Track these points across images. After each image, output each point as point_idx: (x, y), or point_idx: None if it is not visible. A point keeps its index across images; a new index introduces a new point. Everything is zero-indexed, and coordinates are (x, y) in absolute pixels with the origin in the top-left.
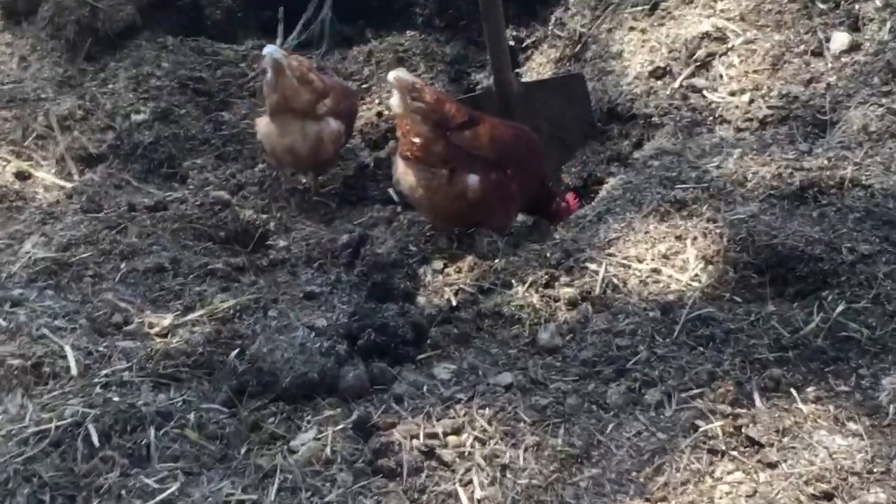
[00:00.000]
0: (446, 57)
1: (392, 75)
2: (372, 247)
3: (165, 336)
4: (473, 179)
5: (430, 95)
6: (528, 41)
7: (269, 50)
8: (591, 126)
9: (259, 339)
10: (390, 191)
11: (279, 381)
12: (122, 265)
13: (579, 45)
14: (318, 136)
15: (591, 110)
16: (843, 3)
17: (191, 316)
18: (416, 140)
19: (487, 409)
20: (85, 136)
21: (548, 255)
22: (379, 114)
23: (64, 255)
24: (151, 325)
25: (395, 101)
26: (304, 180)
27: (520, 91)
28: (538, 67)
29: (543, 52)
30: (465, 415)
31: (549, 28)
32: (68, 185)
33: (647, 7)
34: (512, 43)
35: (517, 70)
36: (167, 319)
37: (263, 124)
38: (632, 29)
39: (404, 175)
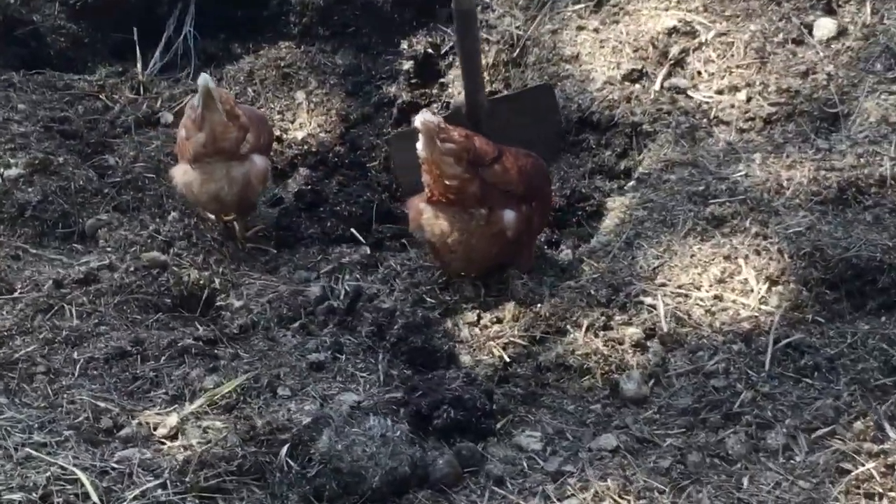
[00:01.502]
0: (338, 69)
1: (419, 120)
2: (371, 300)
3: (175, 437)
4: (510, 216)
5: (459, 134)
6: (447, 47)
7: (205, 79)
8: (561, 138)
9: (326, 434)
10: (353, 231)
11: (366, 480)
12: (76, 354)
13: (518, 49)
14: (245, 178)
15: (560, 122)
16: None
17: (190, 408)
18: (451, 183)
19: (609, 479)
20: None
21: (592, 292)
22: (279, 139)
23: (1, 351)
24: (153, 426)
25: (421, 145)
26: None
27: (487, 109)
28: None
29: None
30: (587, 489)
31: None
32: None
33: (591, 4)
34: (430, 51)
35: (441, 80)
36: (171, 417)
37: (181, 172)
38: (581, 28)
39: (433, 221)
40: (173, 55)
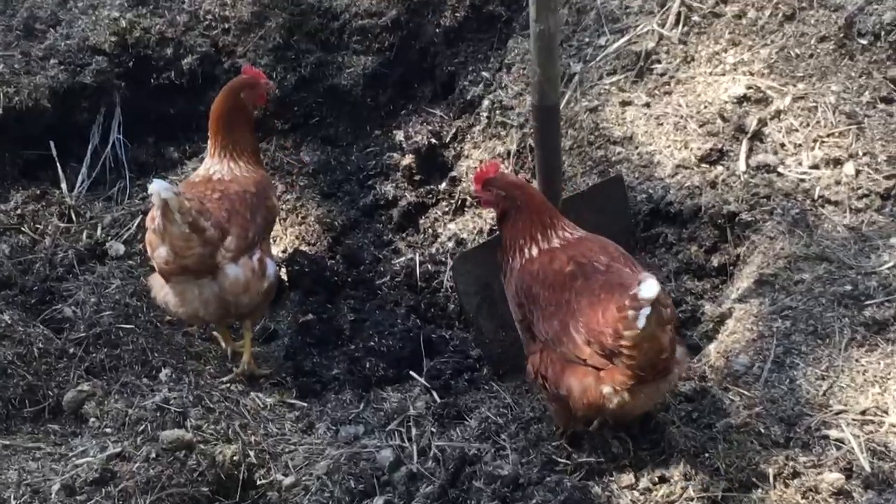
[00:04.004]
0: (305, 167)
1: (649, 293)
2: (473, 463)
3: None
4: (682, 354)
5: (665, 295)
6: (447, 133)
7: (158, 187)
8: (631, 234)
9: None
10: (413, 373)
11: None
12: None
13: None
14: (218, 298)
15: (630, 216)
16: (883, 34)
17: None
18: (665, 354)
19: None
20: None
21: (763, 430)
22: None
23: None
24: None
25: (645, 322)
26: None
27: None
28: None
29: (481, 146)
30: None
31: (481, 114)
32: None
33: (630, 73)
34: (433, 140)
35: (452, 174)
36: None
37: (158, 286)
38: (626, 104)
39: (628, 397)
40: (100, 169)
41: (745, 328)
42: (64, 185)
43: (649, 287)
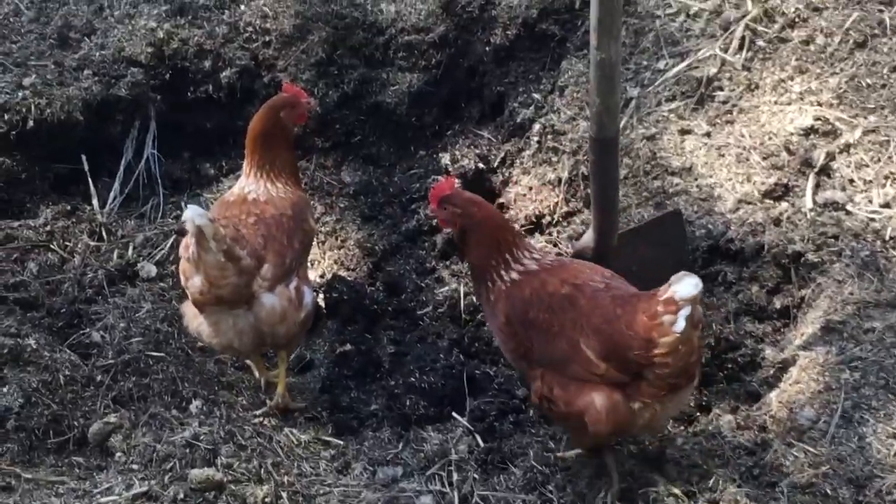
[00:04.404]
0: (346, 188)
1: (690, 291)
2: None
3: None
4: None
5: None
6: (495, 157)
7: (192, 213)
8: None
9: None
10: (455, 414)
11: None
12: None
13: None
14: (253, 329)
15: (687, 252)
16: None
17: None
18: (695, 357)
19: None
20: None
21: (830, 492)
22: None
23: None
24: None
25: (685, 324)
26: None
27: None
28: (531, 194)
29: (530, 172)
30: None
31: (531, 138)
32: None
33: (690, 100)
34: (480, 165)
35: (500, 202)
36: None
37: (192, 314)
38: (686, 132)
39: (659, 409)
40: (133, 184)
41: (810, 378)
42: (95, 202)
43: (689, 285)
